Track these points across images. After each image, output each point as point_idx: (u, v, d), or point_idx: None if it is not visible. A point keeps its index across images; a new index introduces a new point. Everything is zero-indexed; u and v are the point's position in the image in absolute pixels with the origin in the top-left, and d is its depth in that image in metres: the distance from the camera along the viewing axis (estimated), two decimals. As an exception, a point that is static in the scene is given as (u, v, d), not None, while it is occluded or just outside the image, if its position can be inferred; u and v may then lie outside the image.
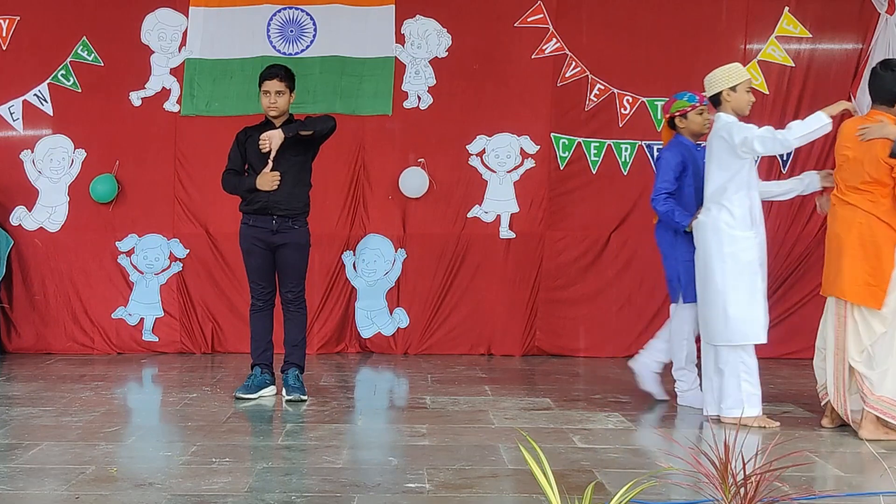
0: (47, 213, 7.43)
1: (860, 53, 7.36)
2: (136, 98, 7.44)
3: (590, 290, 7.47)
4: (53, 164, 7.44)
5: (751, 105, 5.13)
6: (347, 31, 7.41)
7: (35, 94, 7.44)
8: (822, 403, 4.95)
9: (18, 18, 7.43)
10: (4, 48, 7.44)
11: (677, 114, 5.51)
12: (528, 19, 7.43)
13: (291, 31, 7.43)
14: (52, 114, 7.45)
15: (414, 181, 7.34)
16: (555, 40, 7.42)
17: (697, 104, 5.46)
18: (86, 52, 7.42)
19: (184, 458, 4.17)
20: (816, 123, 4.82)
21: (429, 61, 7.46)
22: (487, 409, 5.34)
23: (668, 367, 5.63)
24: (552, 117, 7.43)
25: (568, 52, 7.42)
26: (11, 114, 7.44)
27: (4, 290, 7.41)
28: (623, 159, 7.44)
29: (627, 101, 7.42)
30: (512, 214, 7.46)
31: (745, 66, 7.28)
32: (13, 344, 7.43)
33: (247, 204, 5.55)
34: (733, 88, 5.06)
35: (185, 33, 7.44)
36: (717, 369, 5.04)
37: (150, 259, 7.43)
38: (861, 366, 4.68)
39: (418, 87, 7.46)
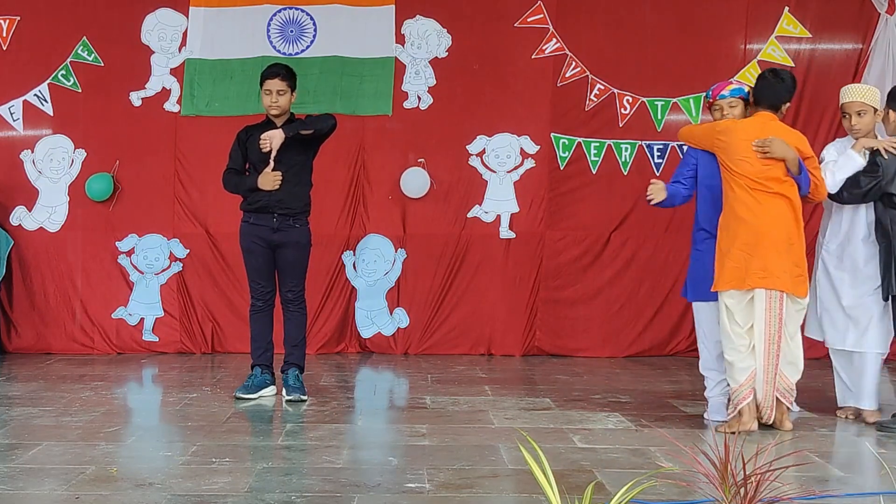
0: (47, 213, 7.43)
1: (860, 53, 7.37)
2: (136, 98, 7.44)
3: (590, 290, 7.47)
4: (53, 164, 7.44)
5: (853, 130, 5.02)
6: (347, 31, 7.42)
7: (35, 94, 7.44)
8: (739, 407, 4.65)
9: (18, 18, 7.43)
10: (4, 48, 7.44)
11: None
12: (528, 19, 7.43)
13: (291, 32, 7.43)
14: (52, 114, 7.45)
15: (415, 181, 7.34)
16: (555, 40, 7.42)
17: None
18: (86, 52, 7.42)
19: (184, 458, 4.17)
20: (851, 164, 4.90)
21: (429, 61, 7.46)
22: (487, 409, 5.33)
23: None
24: (552, 117, 7.42)
25: (568, 52, 7.42)
26: (11, 114, 7.44)
27: (4, 290, 7.41)
28: (623, 159, 7.43)
29: (627, 101, 7.42)
30: (512, 214, 7.45)
31: (745, 66, 7.38)
32: (13, 344, 7.43)
33: (248, 203, 5.55)
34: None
35: (185, 33, 7.44)
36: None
37: (150, 259, 7.43)
38: (797, 351, 4.72)
39: (418, 88, 7.45)
